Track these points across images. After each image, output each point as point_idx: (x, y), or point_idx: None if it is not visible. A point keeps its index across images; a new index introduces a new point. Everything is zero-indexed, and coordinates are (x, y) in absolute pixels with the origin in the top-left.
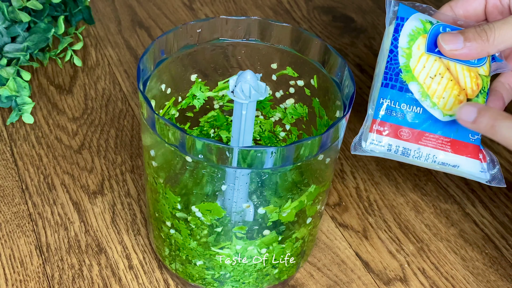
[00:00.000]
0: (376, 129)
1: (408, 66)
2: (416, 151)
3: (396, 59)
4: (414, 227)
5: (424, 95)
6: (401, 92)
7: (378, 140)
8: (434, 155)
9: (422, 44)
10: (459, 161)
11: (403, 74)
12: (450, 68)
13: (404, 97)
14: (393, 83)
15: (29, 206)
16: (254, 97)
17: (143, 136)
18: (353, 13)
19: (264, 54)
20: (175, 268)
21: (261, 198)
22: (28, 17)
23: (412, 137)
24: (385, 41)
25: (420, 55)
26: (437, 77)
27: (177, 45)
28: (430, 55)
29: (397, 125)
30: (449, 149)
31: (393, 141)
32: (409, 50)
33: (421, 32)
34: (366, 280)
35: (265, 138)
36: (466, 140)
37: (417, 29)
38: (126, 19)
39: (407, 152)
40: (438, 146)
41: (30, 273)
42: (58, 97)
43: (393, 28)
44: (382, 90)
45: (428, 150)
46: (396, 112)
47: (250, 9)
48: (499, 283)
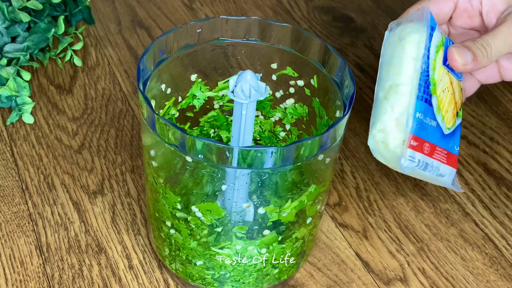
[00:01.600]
0: (413, 145)
1: (434, 78)
2: (431, 165)
3: (428, 71)
4: (414, 227)
5: (438, 109)
6: (428, 106)
7: (412, 156)
8: (438, 167)
9: (441, 56)
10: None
11: (431, 86)
12: (452, 82)
13: (429, 110)
14: (426, 96)
15: (29, 206)
16: (254, 97)
17: (143, 136)
18: (353, 13)
19: (264, 54)
20: (175, 268)
21: (261, 198)
22: (28, 17)
23: (430, 151)
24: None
25: (440, 68)
26: (446, 91)
27: (177, 45)
28: (444, 68)
29: (423, 139)
30: (445, 160)
31: (421, 156)
32: (434, 63)
33: (441, 44)
34: (366, 280)
35: (265, 138)
36: (453, 151)
37: (439, 41)
38: (126, 19)
39: (426, 167)
40: (441, 159)
41: (30, 273)
42: (58, 97)
43: (427, 37)
44: (418, 104)
45: (436, 163)
46: (423, 126)
47: (250, 9)
48: (499, 283)
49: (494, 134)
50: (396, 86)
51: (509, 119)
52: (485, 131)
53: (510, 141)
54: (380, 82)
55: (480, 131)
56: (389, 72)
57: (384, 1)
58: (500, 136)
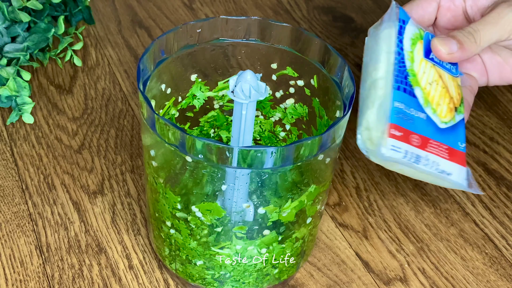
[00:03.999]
0: (394, 134)
1: (413, 70)
2: (424, 159)
3: (403, 62)
4: (414, 227)
5: (426, 101)
6: (410, 96)
7: (397, 146)
8: (437, 162)
9: (421, 49)
10: (454, 169)
11: (410, 77)
12: (442, 76)
13: (412, 102)
14: (404, 86)
15: (29, 206)
16: (254, 97)
17: (143, 136)
18: (353, 13)
19: (264, 54)
20: (175, 268)
21: (261, 198)
22: (28, 17)
23: (421, 143)
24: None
25: (420, 60)
26: (433, 84)
27: (177, 45)
28: (427, 61)
29: (409, 130)
30: (447, 156)
31: (409, 147)
32: (412, 54)
33: (418, 37)
34: (366, 280)
35: (265, 138)
36: (456, 147)
37: (415, 34)
38: (126, 19)
39: (418, 160)
40: (439, 153)
41: (30, 273)
42: (58, 97)
43: (397, 30)
44: (396, 93)
45: (433, 158)
46: (408, 116)
47: (250, 9)
48: (499, 283)
49: (494, 134)
50: (374, 81)
51: (509, 119)
52: (485, 131)
53: (510, 141)
54: (362, 83)
55: (480, 131)
56: (367, 71)
57: (384, 1)
58: (500, 136)
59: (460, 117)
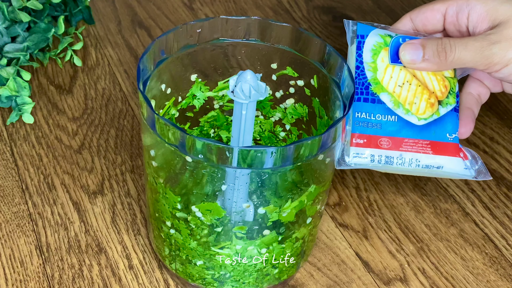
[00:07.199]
0: (356, 142)
1: (376, 78)
2: (398, 158)
3: (364, 74)
4: (414, 227)
5: (396, 104)
6: (374, 104)
7: (360, 152)
8: (417, 159)
9: (385, 56)
10: (442, 162)
11: (373, 86)
12: (417, 74)
13: (377, 108)
14: (365, 96)
15: (29, 206)
16: (254, 97)
17: (143, 136)
18: (353, 13)
19: (264, 54)
20: (175, 268)
21: (261, 198)
22: (28, 17)
23: (392, 145)
24: (350, 59)
25: (386, 67)
26: (405, 85)
27: (177, 45)
28: (395, 65)
29: (376, 135)
30: (430, 151)
31: (375, 151)
32: (374, 64)
33: (382, 46)
34: (366, 280)
35: (265, 138)
36: (444, 140)
37: (378, 43)
38: (126, 19)
39: (390, 160)
40: (419, 149)
41: (30, 273)
42: (58, 97)
43: (355, 46)
44: (355, 105)
45: (410, 155)
46: (373, 123)
47: (250, 9)
48: (499, 283)
49: (494, 134)
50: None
51: (509, 119)
52: (485, 131)
53: (510, 141)
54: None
55: (480, 131)
56: None
57: (384, 1)
58: (500, 136)
59: (446, 110)
